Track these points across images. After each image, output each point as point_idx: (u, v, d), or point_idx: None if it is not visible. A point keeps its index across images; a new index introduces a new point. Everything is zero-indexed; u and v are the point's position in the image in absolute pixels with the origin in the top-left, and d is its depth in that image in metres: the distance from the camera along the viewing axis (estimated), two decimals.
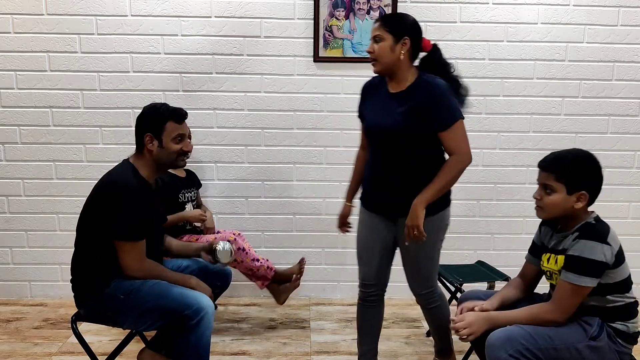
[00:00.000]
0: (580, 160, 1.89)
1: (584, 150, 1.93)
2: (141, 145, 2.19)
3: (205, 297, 2.12)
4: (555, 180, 1.87)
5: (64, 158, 3.36)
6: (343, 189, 3.43)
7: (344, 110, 3.37)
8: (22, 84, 3.29)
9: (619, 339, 1.87)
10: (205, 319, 2.06)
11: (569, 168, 1.87)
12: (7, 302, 3.41)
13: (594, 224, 1.88)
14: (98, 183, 2.16)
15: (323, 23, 3.26)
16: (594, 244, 1.80)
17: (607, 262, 1.80)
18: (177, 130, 2.19)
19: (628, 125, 3.43)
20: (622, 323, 1.88)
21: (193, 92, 3.33)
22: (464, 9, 3.30)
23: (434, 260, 2.34)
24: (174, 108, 2.23)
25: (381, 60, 2.19)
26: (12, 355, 2.75)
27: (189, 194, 3.03)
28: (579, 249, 1.82)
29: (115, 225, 2.06)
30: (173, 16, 3.26)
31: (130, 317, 2.14)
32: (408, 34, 2.18)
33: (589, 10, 3.31)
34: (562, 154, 1.93)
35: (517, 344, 1.80)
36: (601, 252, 1.79)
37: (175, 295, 2.09)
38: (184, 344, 2.07)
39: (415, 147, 2.19)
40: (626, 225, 3.48)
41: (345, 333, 3.03)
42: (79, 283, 2.19)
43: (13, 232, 3.42)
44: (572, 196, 1.86)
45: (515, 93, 3.38)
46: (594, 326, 1.86)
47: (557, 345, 1.83)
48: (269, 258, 3.48)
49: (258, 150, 3.41)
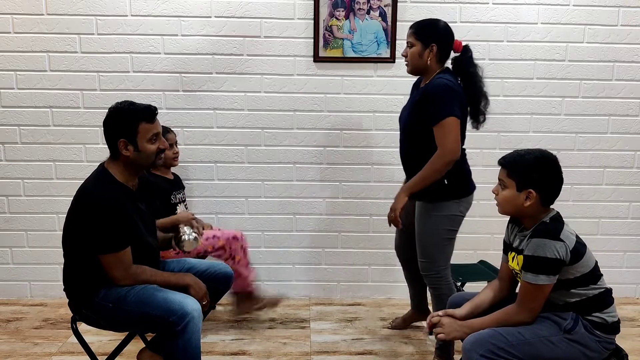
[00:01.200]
0: (535, 160, 1.92)
1: (546, 151, 1.96)
2: (115, 152, 2.09)
3: (191, 299, 2.06)
4: (507, 176, 1.94)
5: (64, 158, 3.36)
6: (343, 189, 3.46)
7: (344, 110, 3.37)
8: (22, 84, 3.29)
9: (598, 330, 1.89)
10: (191, 323, 2.01)
11: (521, 166, 1.91)
12: (7, 302, 3.41)
13: (547, 222, 1.91)
14: (76, 194, 2.09)
15: (323, 23, 3.26)
16: (545, 242, 1.83)
17: (561, 259, 1.82)
18: (151, 131, 2.09)
19: (628, 125, 3.43)
20: (597, 315, 1.90)
21: (193, 92, 3.33)
22: (464, 9, 3.30)
23: (438, 245, 2.50)
24: (142, 107, 2.10)
25: (411, 63, 2.50)
26: (12, 355, 2.76)
27: (179, 194, 3.03)
28: (531, 248, 1.86)
29: (94, 239, 2.01)
30: (173, 16, 3.26)
31: (122, 325, 2.14)
32: (436, 41, 2.44)
33: (589, 10, 3.31)
34: (521, 152, 1.98)
35: (487, 344, 1.85)
36: (553, 250, 1.82)
37: (159, 301, 2.03)
38: (173, 349, 2.04)
39: (421, 138, 2.43)
40: (626, 225, 3.48)
41: (345, 333, 3.03)
42: (70, 293, 2.17)
43: (13, 232, 3.42)
44: (521, 193, 1.91)
45: (515, 93, 3.38)
46: (567, 319, 1.88)
47: (530, 339, 1.86)
48: (268, 258, 3.50)
49: (258, 150, 3.41)
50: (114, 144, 2.08)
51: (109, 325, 2.16)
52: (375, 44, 3.28)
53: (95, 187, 2.07)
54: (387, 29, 3.26)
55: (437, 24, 2.48)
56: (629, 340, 2.82)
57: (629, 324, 3.14)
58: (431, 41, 2.43)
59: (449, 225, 2.50)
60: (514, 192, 1.92)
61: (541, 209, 1.93)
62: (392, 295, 3.53)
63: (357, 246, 3.50)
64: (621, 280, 3.47)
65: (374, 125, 3.39)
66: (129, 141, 2.06)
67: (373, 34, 3.27)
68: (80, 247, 2.06)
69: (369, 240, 3.49)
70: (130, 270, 2.08)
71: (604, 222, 3.49)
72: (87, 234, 2.02)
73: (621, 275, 3.50)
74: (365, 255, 3.50)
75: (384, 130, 3.38)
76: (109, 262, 2.04)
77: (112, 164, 2.13)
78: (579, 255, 1.87)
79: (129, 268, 2.07)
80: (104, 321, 2.13)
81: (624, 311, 3.25)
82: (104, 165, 2.14)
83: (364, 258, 3.51)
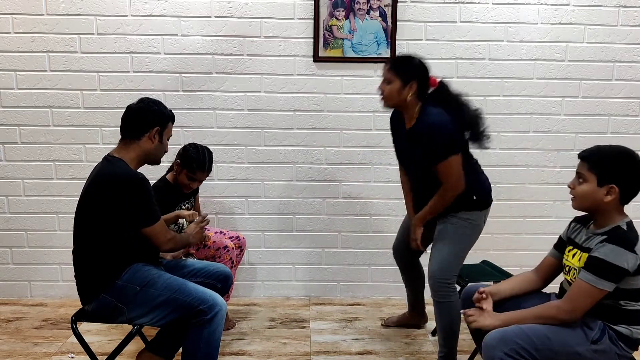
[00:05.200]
0: (617, 154, 1.88)
1: (628, 148, 1.90)
2: (138, 136, 2.19)
3: (219, 296, 2.19)
4: (588, 170, 1.88)
5: (64, 158, 3.36)
6: (343, 189, 3.46)
7: (344, 110, 3.37)
8: (22, 84, 3.29)
9: (621, 342, 1.86)
10: (219, 315, 2.14)
11: (603, 159, 1.86)
12: (7, 302, 3.41)
13: (624, 229, 1.86)
14: (99, 179, 2.14)
15: (323, 23, 3.26)
16: (620, 250, 1.79)
17: (628, 270, 1.79)
18: (171, 131, 2.31)
19: (628, 125, 3.43)
20: (625, 327, 1.87)
21: (193, 92, 3.33)
22: (464, 9, 3.30)
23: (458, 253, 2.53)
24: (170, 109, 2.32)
25: (389, 101, 2.49)
26: (12, 355, 2.75)
27: (185, 206, 2.98)
28: (603, 252, 1.80)
29: (139, 215, 2.10)
30: (173, 16, 3.26)
31: (142, 309, 2.13)
32: (415, 78, 2.43)
33: (589, 10, 3.31)
34: (603, 147, 1.94)
35: (512, 343, 1.81)
36: (625, 259, 1.78)
37: (191, 290, 2.14)
38: (197, 337, 2.12)
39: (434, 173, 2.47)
40: None
41: (345, 333, 3.03)
42: (85, 278, 2.17)
43: (13, 232, 3.42)
44: (602, 188, 1.85)
45: (515, 93, 3.38)
46: (595, 330, 1.85)
47: (555, 347, 1.83)
48: (268, 258, 3.50)
49: (258, 150, 3.41)
50: (144, 130, 2.19)
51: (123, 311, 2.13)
52: (375, 44, 3.28)
53: (123, 169, 2.14)
54: (387, 29, 3.26)
55: (415, 61, 2.47)
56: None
57: None
58: (411, 78, 2.42)
59: (472, 233, 2.55)
60: (594, 186, 1.86)
61: (618, 207, 1.88)
62: (392, 295, 3.53)
63: (357, 246, 3.50)
64: None
65: (374, 125, 3.39)
66: (160, 132, 2.22)
67: (373, 34, 3.27)
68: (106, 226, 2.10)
69: (369, 240, 3.49)
70: (169, 235, 2.20)
71: None
72: (132, 211, 2.09)
73: None
74: (365, 255, 3.51)
75: (384, 130, 3.36)
76: (156, 232, 2.14)
77: (123, 151, 2.20)
78: None
79: (168, 232, 2.21)
80: (123, 304, 2.12)
81: None
82: (113, 155, 2.20)
83: (364, 258, 3.51)
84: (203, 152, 2.85)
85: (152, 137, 2.20)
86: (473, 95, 3.36)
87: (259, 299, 3.50)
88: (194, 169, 2.81)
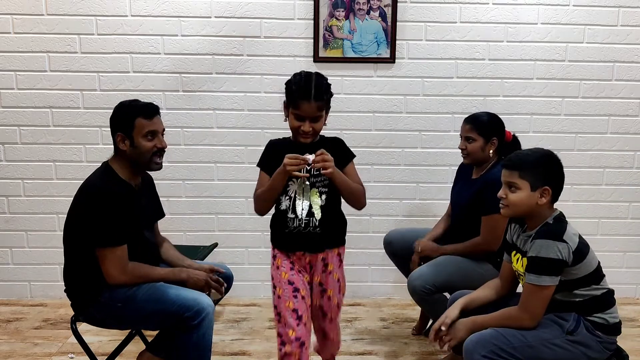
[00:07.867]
0: (542, 157, 1.94)
1: (545, 149, 2.00)
2: (116, 145, 2.13)
3: (204, 296, 2.09)
4: (519, 177, 1.92)
5: (64, 158, 3.36)
6: None
7: (344, 110, 3.37)
8: (22, 84, 3.29)
9: (599, 331, 1.89)
10: (206, 319, 2.04)
11: (532, 165, 1.92)
12: (7, 302, 3.41)
13: (550, 223, 1.91)
14: (79, 189, 2.11)
15: (323, 23, 3.26)
16: (547, 243, 1.83)
17: (564, 260, 1.83)
18: (147, 127, 2.10)
19: (628, 125, 3.43)
20: (599, 316, 1.90)
21: (193, 92, 3.33)
22: (464, 9, 3.30)
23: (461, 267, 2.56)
24: (144, 103, 2.14)
25: (472, 157, 2.62)
26: (12, 356, 2.75)
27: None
28: (535, 249, 1.86)
29: (93, 231, 2.01)
30: (173, 16, 3.26)
31: (130, 323, 2.13)
32: (496, 135, 2.59)
33: (589, 11, 3.31)
34: (525, 152, 2.00)
35: (490, 345, 1.85)
36: (556, 250, 1.82)
37: (172, 298, 2.04)
38: (186, 344, 2.06)
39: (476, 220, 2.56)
40: (626, 225, 3.48)
41: (345, 333, 3.03)
42: (73, 293, 2.16)
43: (13, 232, 3.42)
44: (536, 192, 1.90)
45: (515, 93, 3.38)
46: (569, 321, 1.89)
47: (532, 342, 1.86)
48: (268, 258, 3.48)
49: (258, 150, 3.39)
50: (114, 139, 2.13)
51: (116, 324, 2.15)
52: (375, 44, 3.28)
53: (98, 181, 2.10)
54: (387, 29, 3.26)
55: (495, 119, 2.63)
56: (629, 341, 2.81)
57: (629, 324, 3.14)
58: (493, 135, 2.58)
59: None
60: (527, 192, 1.90)
61: (550, 206, 1.94)
62: (392, 295, 3.53)
63: (357, 246, 3.49)
64: (621, 281, 3.46)
65: (373, 126, 3.39)
66: (126, 135, 2.10)
67: (373, 34, 3.27)
68: (81, 241, 2.06)
69: (369, 240, 3.48)
70: (127, 267, 2.06)
71: (604, 222, 3.49)
72: (88, 226, 2.02)
73: (621, 276, 3.49)
74: (365, 255, 3.50)
75: (384, 130, 3.38)
76: (106, 257, 2.03)
77: (115, 161, 2.16)
78: (582, 255, 1.87)
79: (125, 265, 2.06)
80: (112, 320, 2.13)
81: (624, 311, 3.25)
82: (107, 162, 2.18)
83: (364, 258, 3.51)
84: (302, 76, 2.12)
85: (120, 143, 2.11)
86: (473, 95, 3.38)
87: (259, 299, 3.49)
88: (296, 99, 2.06)
